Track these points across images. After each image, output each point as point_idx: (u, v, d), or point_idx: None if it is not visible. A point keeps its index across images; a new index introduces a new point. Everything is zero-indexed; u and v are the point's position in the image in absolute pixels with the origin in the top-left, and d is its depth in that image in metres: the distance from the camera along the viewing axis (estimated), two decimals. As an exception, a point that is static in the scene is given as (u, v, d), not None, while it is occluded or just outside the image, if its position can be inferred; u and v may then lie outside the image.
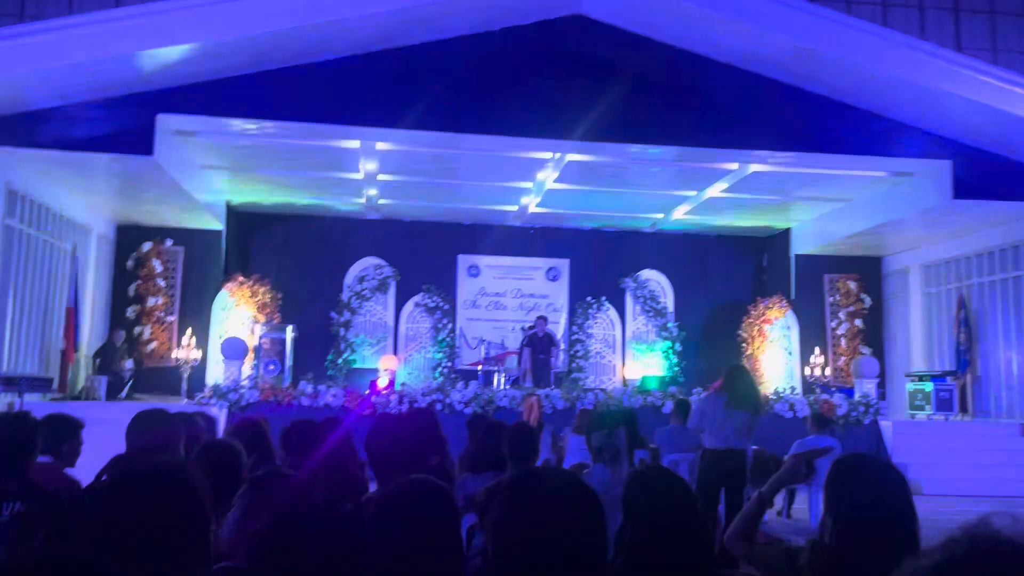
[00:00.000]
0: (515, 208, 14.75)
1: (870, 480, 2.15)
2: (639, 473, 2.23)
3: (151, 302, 13.63)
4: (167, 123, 10.24)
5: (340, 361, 14.71)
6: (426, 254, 15.51)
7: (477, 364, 14.27)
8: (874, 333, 15.39)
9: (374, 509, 1.74)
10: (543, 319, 13.81)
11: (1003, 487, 10.87)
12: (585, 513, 1.40)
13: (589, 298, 15.80)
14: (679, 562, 1.89)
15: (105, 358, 12.46)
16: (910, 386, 13.27)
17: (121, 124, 10.03)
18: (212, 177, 12.95)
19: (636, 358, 15.79)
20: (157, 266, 13.76)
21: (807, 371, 14.50)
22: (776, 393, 12.01)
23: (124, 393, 12.19)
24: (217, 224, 13.86)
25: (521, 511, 1.42)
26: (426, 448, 4.54)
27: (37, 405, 9.86)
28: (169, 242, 13.91)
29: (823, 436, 8.14)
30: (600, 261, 15.98)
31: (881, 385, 13.71)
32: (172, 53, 9.42)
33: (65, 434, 3.79)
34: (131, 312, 13.62)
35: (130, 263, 13.79)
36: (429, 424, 4.73)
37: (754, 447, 7.76)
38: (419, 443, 4.49)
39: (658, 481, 2.13)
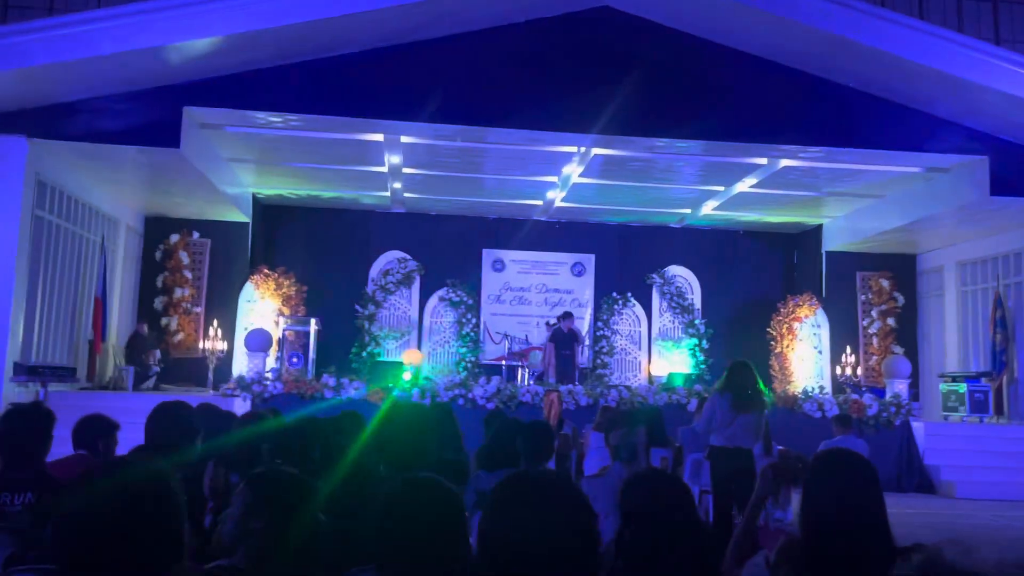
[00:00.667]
0: (540, 202, 14.65)
1: (839, 476, 2.17)
2: (636, 476, 2.16)
3: (178, 293, 13.75)
4: (193, 116, 10.30)
5: (364, 354, 14.73)
6: (451, 248, 15.49)
7: (501, 359, 14.22)
8: (907, 332, 15.08)
9: (377, 507, 1.67)
10: (568, 315, 13.70)
11: (1039, 492, 10.60)
12: (571, 516, 1.34)
13: (615, 294, 15.67)
14: (677, 565, 1.84)
15: (134, 349, 12.59)
16: (944, 387, 12.98)
17: (148, 117, 10.11)
18: (238, 170, 13.01)
19: (662, 355, 15.64)
20: (184, 258, 13.87)
21: (838, 370, 14.25)
22: (805, 393, 11.80)
23: (151, 384, 12.31)
24: (243, 217, 13.94)
25: (505, 514, 1.36)
26: (442, 443, 4.49)
27: (61, 396, 9.99)
28: (196, 234, 14.02)
29: (849, 436, 7.97)
30: (626, 256, 15.84)
31: (914, 386, 13.42)
32: (198, 46, 9.46)
33: (100, 432, 3.80)
34: (158, 303, 13.75)
35: (158, 254, 13.92)
36: (446, 419, 4.67)
37: (779, 447, 7.61)
38: (435, 438, 4.43)
39: (655, 484, 2.07)
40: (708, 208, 14.39)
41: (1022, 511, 9.68)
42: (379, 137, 11.15)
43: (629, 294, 15.70)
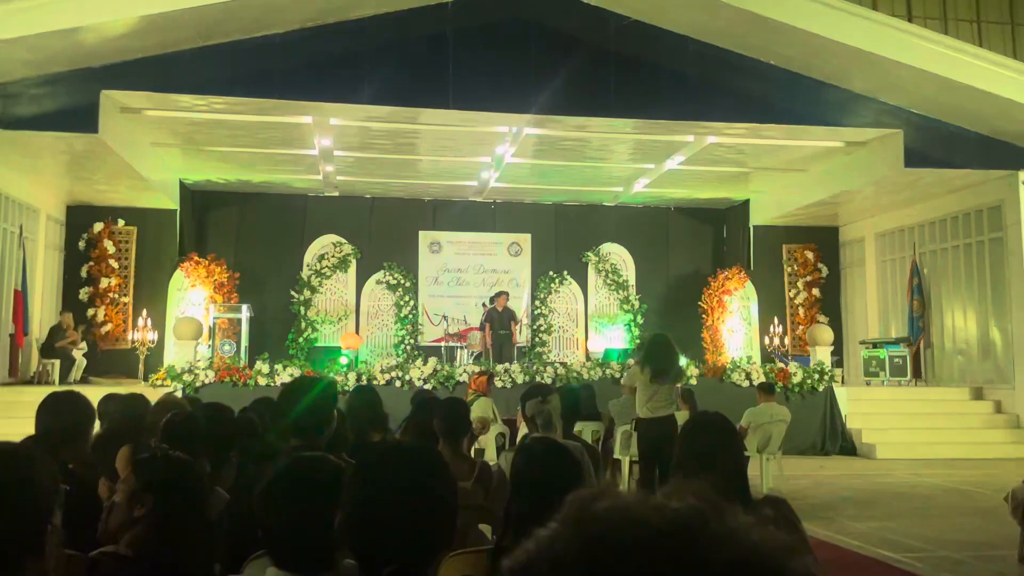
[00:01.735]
0: (475, 183, 14.67)
1: (699, 438, 2.37)
2: (523, 446, 2.24)
3: (104, 283, 13.40)
4: (112, 100, 10.01)
5: (301, 340, 14.61)
6: (387, 231, 15.41)
7: (440, 340, 14.24)
8: (831, 302, 15.62)
9: (263, 486, 1.72)
10: (503, 294, 13.80)
11: (955, 450, 11.14)
12: (422, 483, 1.40)
13: (551, 272, 15.82)
14: None
15: (49, 340, 12.20)
16: (865, 353, 13.51)
17: (65, 101, 9.80)
18: (162, 155, 12.70)
19: (599, 332, 15.87)
20: (109, 247, 13.51)
21: (766, 341, 14.69)
22: (733, 363, 12.15)
23: (73, 376, 11.99)
24: (171, 203, 13.62)
25: (364, 482, 1.42)
26: (370, 424, 4.54)
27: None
28: (121, 222, 13.66)
29: (772, 404, 8.26)
30: (562, 235, 15.99)
31: (837, 353, 13.94)
32: (115, 27, 9.18)
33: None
34: (84, 294, 13.38)
35: (81, 244, 13.53)
36: (372, 401, 4.71)
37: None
38: (361, 420, 4.48)
39: (543, 453, 2.14)
40: (640, 186, 14.61)
41: (937, 469, 10.19)
42: (307, 119, 11.00)
43: (565, 272, 15.88)
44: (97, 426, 4.34)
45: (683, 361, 11.52)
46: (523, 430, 7.22)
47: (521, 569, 0.50)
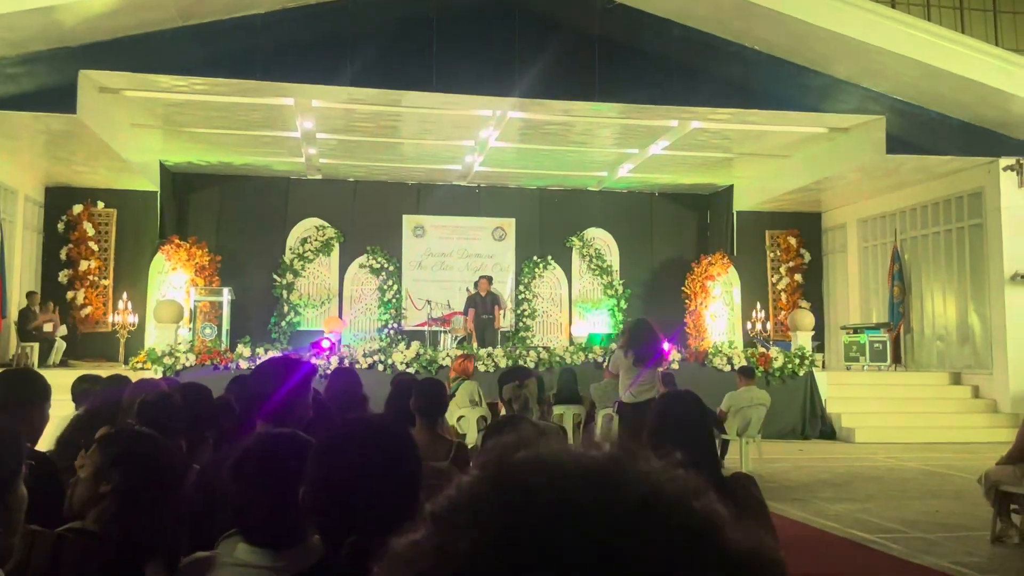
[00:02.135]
0: (459, 167, 14.62)
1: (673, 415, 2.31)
2: (491, 428, 2.25)
3: (84, 266, 13.27)
4: (91, 80, 9.89)
5: (283, 324, 14.55)
6: (370, 215, 15.34)
7: (423, 325, 14.24)
8: (813, 288, 15.72)
9: (231, 463, 1.71)
10: (486, 279, 13.79)
11: (932, 434, 11.28)
12: (385, 457, 1.41)
13: (536, 257, 15.82)
14: None
15: (21, 323, 12.06)
16: (845, 338, 13.62)
17: (42, 81, 9.69)
18: (142, 136, 12.56)
19: (583, 316, 15.91)
20: (89, 229, 13.37)
21: (748, 326, 14.77)
22: (715, 347, 12.23)
23: (52, 359, 11.89)
24: (151, 185, 13.49)
25: (328, 456, 1.43)
26: (347, 407, 4.53)
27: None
28: (101, 204, 13.52)
29: (752, 388, 8.32)
30: (546, 220, 15.98)
31: (818, 338, 14.05)
32: (93, 6, 9.05)
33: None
34: (63, 276, 13.25)
35: (60, 226, 13.38)
36: (351, 384, 4.71)
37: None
38: (340, 402, 4.47)
39: (513, 430, 2.15)
40: (624, 171, 14.61)
41: (914, 453, 10.31)
42: (289, 101, 10.91)
43: (550, 257, 15.88)
44: (72, 408, 4.32)
45: (666, 346, 11.64)
46: (503, 412, 7.25)
47: (441, 512, 0.51)
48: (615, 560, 0.46)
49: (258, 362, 10.54)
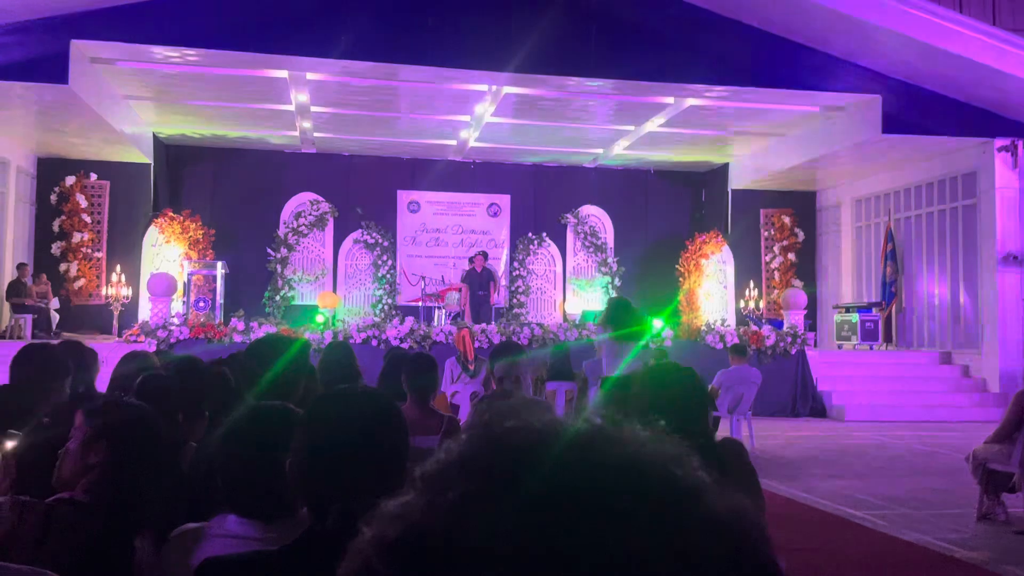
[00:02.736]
0: (454, 142, 14.56)
1: (661, 388, 2.29)
2: (477, 405, 2.26)
3: (76, 238, 13.22)
4: (83, 50, 9.79)
5: (278, 298, 14.54)
6: (365, 190, 15.28)
7: (418, 300, 14.25)
8: (807, 267, 15.76)
9: (221, 435, 1.72)
10: (482, 255, 13.78)
11: (922, 412, 11.38)
12: (377, 430, 1.42)
13: (530, 234, 15.81)
14: None
15: (11, 295, 12.00)
16: (837, 317, 13.69)
17: (33, 51, 9.57)
18: (136, 108, 12.46)
19: (576, 293, 15.93)
20: (82, 201, 13.30)
21: (742, 304, 14.82)
22: (707, 325, 12.27)
23: (51, 331, 11.88)
24: (144, 157, 13.41)
25: (313, 428, 1.44)
26: (342, 380, 4.55)
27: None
28: (94, 176, 13.44)
29: (743, 366, 8.38)
30: (541, 197, 15.95)
31: (811, 317, 14.11)
32: (83, -25, 8.95)
33: None
34: (56, 248, 13.21)
35: (53, 198, 13.31)
36: (344, 357, 4.73)
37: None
38: (333, 376, 4.49)
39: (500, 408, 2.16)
40: (619, 148, 14.57)
41: (903, 431, 10.40)
42: (283, 74, 10.83)
43: (544, 234, 15.86)
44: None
45: (659, 322, 11.68)
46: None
47: (431, 472, 0.53)
48: (599, 516, 0.48)
49: (252, 336, 10.58)
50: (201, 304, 12.21)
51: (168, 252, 13.61)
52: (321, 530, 1.33)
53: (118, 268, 12.97)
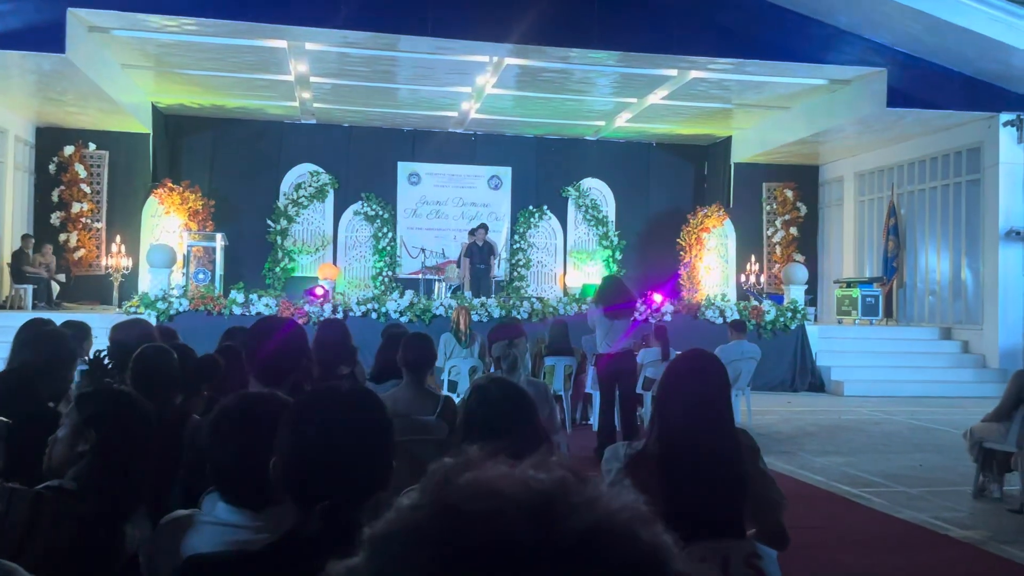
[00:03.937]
0: (455, 114, 14.44)
1: (689, 381, 2.22)
2: (476, 385, 2.25)
3: (76, 208, 13.18)
4: (80, 18, 9.68)
5: (277, 270, 14.52)
6: (365, 161, 15.19)
7: (418, 273, 14.22)
8: (809, 241, 15.71)
9: (210, 421, 1.72)
10: (483, 228, 13.73)
11: (921, 388, 11.40)
12: (362, 427, 1.41)
13: (531, 207, 15.74)
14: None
15: (15, 265, 12.00)
16: (838, 292, 13.66)
17: (30, 19, 9.48)
18: (133, 77, 12.35)
19: (577, 267, 15.90)
20: (81, 171, 13.24)
21: (743, 278, 14.79)
22: (707, 300, 12.25)
23: (52, 300, 11.89)
24: (143, 127, 13.32)
25: (297, 425, 1.43)
26: (336, 359, 4.54)
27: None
28: (92, 146, 13.36)
29: (743, 341, 8.37)
30: (542, 169, 15.85)
31: (811, 291, 14.08)
32: (79, -59, 8.81)
33: None
34: (55, 219, 13.17)
35: (52, 167, 13.25)
36: (340, 334, 4.71)
37: (677, 352, 8.01)
38: (329, 354, 4.48)
39: (495, 393, 2.15)
40: (621, 120, 14.44)
41: (903, 406, 10.42)
42: (282, 44, 10.71)
43: (545, 207, 15.79)
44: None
45: (658, 297, 11.65)
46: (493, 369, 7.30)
47: (381, 538, 0.50)
48: None
49: (252, 308, 10.58)
50: (201, 276, 12.20)
51: (168, 223, 13.57)
52: (305, 530, 1.32)
53: (118, 239, 12.94)
